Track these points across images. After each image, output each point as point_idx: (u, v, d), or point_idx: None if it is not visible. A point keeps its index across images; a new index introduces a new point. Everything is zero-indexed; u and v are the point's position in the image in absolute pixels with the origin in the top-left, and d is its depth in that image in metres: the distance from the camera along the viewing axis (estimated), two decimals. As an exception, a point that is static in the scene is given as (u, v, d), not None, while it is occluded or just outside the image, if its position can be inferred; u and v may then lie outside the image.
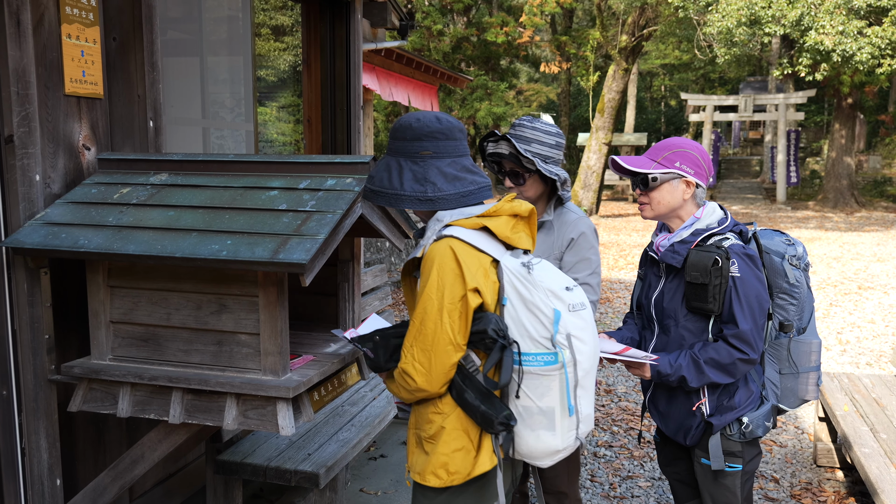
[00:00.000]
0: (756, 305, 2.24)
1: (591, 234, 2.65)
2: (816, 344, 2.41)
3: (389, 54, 9.63)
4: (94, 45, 2.51)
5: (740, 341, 2.23)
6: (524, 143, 2.55)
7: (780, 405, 2.45)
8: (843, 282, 10.12)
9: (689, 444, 2.43)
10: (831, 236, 15.49)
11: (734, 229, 2.34)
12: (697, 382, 2.28)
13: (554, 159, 2.58)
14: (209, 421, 2.13)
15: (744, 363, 2.25)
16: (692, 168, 2.34)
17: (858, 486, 3.90)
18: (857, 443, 3.42)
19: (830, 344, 6.94)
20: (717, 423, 2.34)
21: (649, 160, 2.37)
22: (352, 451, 3.16)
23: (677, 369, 2.30)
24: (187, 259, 2.01)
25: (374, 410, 3.63)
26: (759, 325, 2.25)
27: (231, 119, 4.85)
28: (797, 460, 4.29)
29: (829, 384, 4.23)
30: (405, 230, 2.57)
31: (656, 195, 2.37)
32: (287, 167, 2.34)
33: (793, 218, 19.47)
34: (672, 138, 2.43)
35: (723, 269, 2.19)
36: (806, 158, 29.06)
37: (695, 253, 2.25)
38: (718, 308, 2.23)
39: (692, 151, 2.35)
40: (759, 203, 23.64)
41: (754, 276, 2.24)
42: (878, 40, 16.09)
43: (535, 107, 32.90)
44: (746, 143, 38.62)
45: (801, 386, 2.43)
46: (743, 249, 2.25)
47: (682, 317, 2.34)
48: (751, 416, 2.35)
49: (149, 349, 2.21)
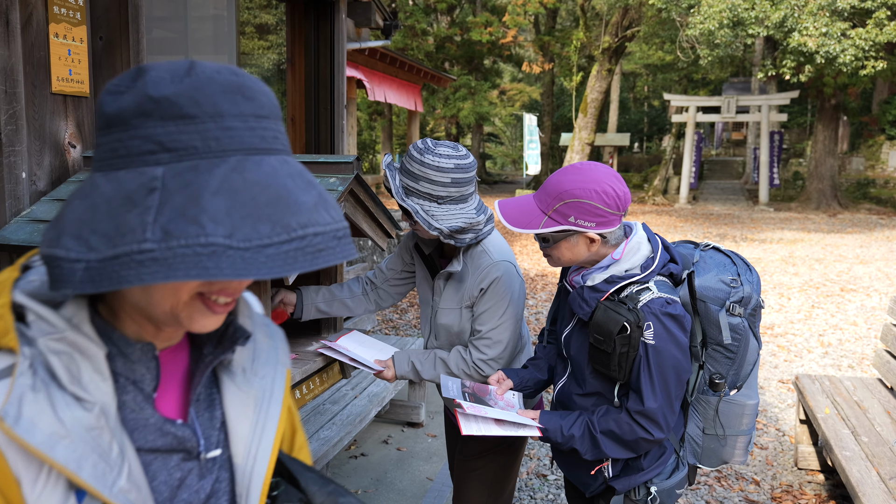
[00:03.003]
0: (672, 378, 1.84)
1: (507, 280, 2.22)
2: (751, 406, 2.04)
3: (373, 54, 9.64)
4: (81, 43, 2.51)
5: (645, 419, 1.85)
6: (411, 179, 2.12)
7: (697, 464, 2.13)
8: (825, 284, 10.18)
9: (590, 497, 2.13)
10: (814, 238, 15.54)
11: (663, 271, 1.91)
12: (592, 456, 1.94)
13: (452, 198, 2.12)
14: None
15: (648, 443, 1.89)
16: (592, 220, 1.83)
17: (839, 490, 3.94)
18: (839, 446, 3.43)
19: (812, 346, 6.98)
20: (620, 488, 2.00)
21: (539, 211, 1.89)
22: (332, 450, 3.18)
23: (569, 440, 1.95)
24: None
25: (355, 409, 3.65)
26: (674, 399, 1.87)
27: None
28: (778, 462, 4.33)
29: (810, 386, 4.26)
30: (388, 230, 2.59)
31: (555, 252, 1.94)
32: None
33: (775, 219, 19.60)
34: (563, 179, 1.87)
35: (631, 337, 1.80)
36: (789, 160, 29.26)
37: (602, 310, 1.84)
38: (624, 377, 1.86)
39: (587, 200, 1.82)
40: (742, 204, 23.81)
41: (672, 344, 1.82)
42: (862, 42, 16.23)
43: (519, 106, 33.05)
44: (729, 145, 39.02)
45: (727, 449, 2.08)
46: (663, 308, 1.81)
47: (588, 374, 1.98)
48: (660, 484, 2.00)
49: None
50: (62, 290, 0.68)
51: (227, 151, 0.71)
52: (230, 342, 0.90)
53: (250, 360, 0.95)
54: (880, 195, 23.25)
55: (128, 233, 0.67)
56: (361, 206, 2.43)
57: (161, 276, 0.66)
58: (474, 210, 2.18)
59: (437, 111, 24.35)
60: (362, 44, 7.77)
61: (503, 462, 2.43)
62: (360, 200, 2.40)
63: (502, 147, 41.45)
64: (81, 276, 0.67)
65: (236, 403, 0.92)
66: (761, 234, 16.00)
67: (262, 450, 0.93)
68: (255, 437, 0.92)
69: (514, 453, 2.46)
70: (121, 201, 0.69)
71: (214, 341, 0.90)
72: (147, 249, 0.66)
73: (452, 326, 2.31)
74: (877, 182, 24.47)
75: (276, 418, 0.95)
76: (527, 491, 3.88)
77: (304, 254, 0.70)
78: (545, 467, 4.16)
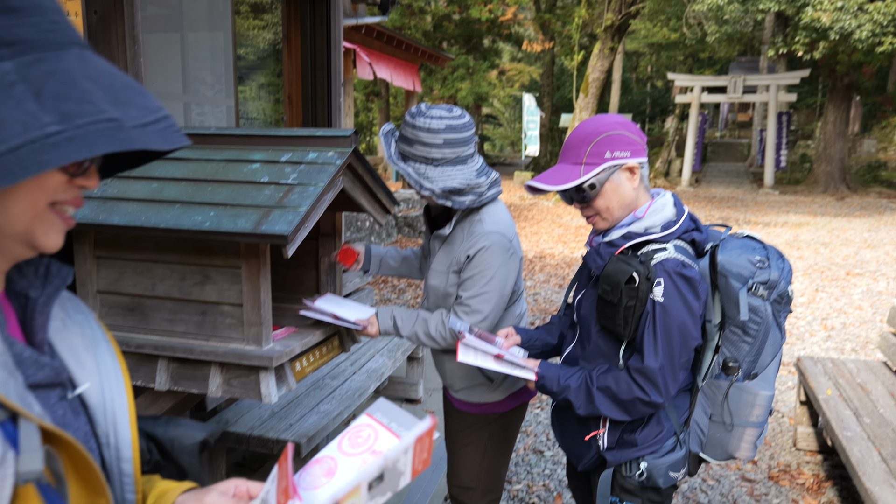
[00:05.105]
0: (677, 340, 1.79)
1: (495, 251, 2.18)
2: (764, 397, 1.93)
3: (370, 32, 9.56)
4: (76, 18, 2.49)
5: (644, 379, 1.81)
6: (406, 143, 2.17)
7: (702, 455, 2.04)
8: (830, 267, 10.12)
9: (581, 471, 2.11)
10: (820, 221, 15.39)
11: (684, 237, 1.88)
12: (585, 411, 1.90)
13: (447, 160, 2.13)
14: (194, 388, 2.15)
15: (644, 405, 1.84)
16: (626, 148, 1.85)
17: (838, 470, 3.95)
18: (840, 426, 3.43)
19: (815, 330, 6.96)
20: (611, 460, 1.96)
21: (573, 165, 1.88)
22: (332, 423, 3.21)
23: (564, 389, 1.92)
24: (171, 230, 2.01)
25: (354, 384, 3.68)
26: (676, 365, 1.81)
27: (212, 95, 4.83)
28: (776, 443, 4.34)
29: (812, 368, 4.26)
30: (387, 206, 2.58)
31: (601, 202, 1.89)
32: (268, 140, 2.33)
33: (780, 202, 19.48)
34: (582, 124, 1.93)
35: (639, 290, 1.76)
36: (797, 142, 28.88)
37: (613, 262, 1.82)
38: (630, 334, 1.82)
39: (617, 129, 1.86)
40: (746, 187, 23.65)
41: (682, 305, 1.78)
42: (880, 17, 15.41)
43: (518, 87, 32.76)
44: (734, 126, 38.77)
45: (734, 441, 1.97)
46: (678, 268, 1.78)
47: (595, 332, 1.95)
48: (652, 462, 1.92)
49: (135, 318, 2.22)
50: None
51: (63, 44, 0.74)
52: (59, 279, 0.88)
53: (63, 309, 0.93)
54: (892, 178, 22.89)
55: (14, 125, 0.67)
56: (360, 182, 2.41)
57: (86, 151, 0.68)
58: (474, 172, 2.18)
59: (434, 91, 24.15)
60: (359, 20, 7.72)
61: (497, 437, 2.45)
62: (358, 175, 2.38)
63: (501, 129, 41.18)
64: None
65: (69, 345, 0.90)
66: (765, 218, 15.92)
67: (116, 388, 0.91)
68: (104, 375, 0.91)
69: (507, 428, 2.47)
70: None
71: (40, 283, 0.87)
72: (55, 132, 0.67)
73: (439, 288, 2.32)
74: (888, 165, 24.10)
75: (114, 355, 0.94)
76: (524, 466, 3.90)
77: (171, 132, 0.76)
78: (542, 444, 4.18)
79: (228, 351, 2.09)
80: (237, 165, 2.23)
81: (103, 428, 0.89)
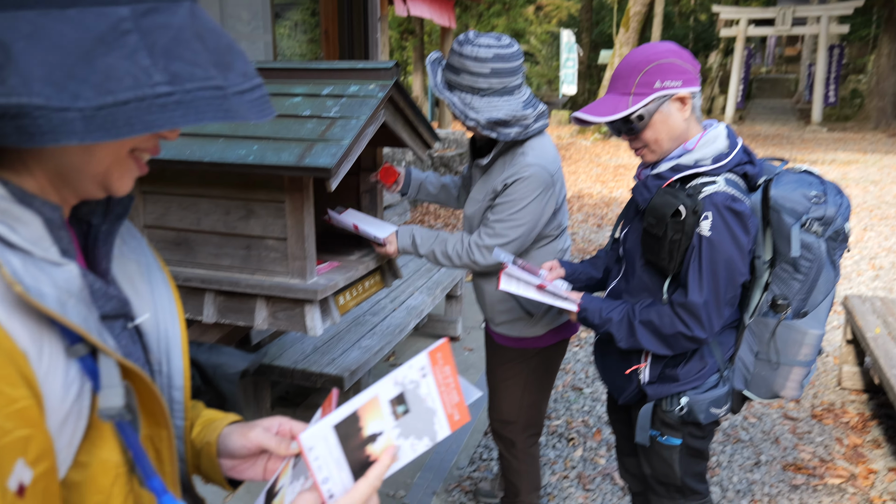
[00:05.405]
0: (723, 275, 1.75)
1: (532, 182, 2.13)
2: (813, 336, 1.88)
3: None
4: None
5: (687, 313, 1.78)
6: (453, 72, 2.10)
7: (746, 392, 2.01)
8: (879, 206, 9.83)
9: (621, 404, 2.11)
10: (870, 159, 14.88)
11: (736, 170, 1.81)
12: (626, 344, 1.89)
13: (494, 90, 2.07)
14: (241, 321, 2.19)
15: (687, 340, 1.81)
16: (677, 77, 1.78)
17: (884, 409, 3.90)
18: (889, 364, 3.38)
19: (863, 269, 6.80)
20: (651, 394, 1.95)
21: (621, 95, 1.82)
22: (374, 358, 3.26)
23: (606, 322, 1.90)
24: (215, 164, 2.02)
25: (395, 321, 3.71)
26: (721, 301, 1.77)
27: (249, 31, 4.78)
28: (820, 382, 4.29)
29: (860, 307, 4.17)
30: (428, 140, 2.54)
31: (650, 134, 1.83)
32: (309, 74, 2.30)
33: (828, 139, 18.86)
34: (633, 52, 1.85)
35: (685, 223, 1.72)
36: (847, 76, 27.71)
37: (660, 195, 1.77)
38: (675, 268, 1.79)
39: (668, 57, 1.79)
40: (792, 124, 22.91)
41: (729, 239, 1.73)
42: None
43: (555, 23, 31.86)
44: (781, 61, 37.35)
45: (779, 380, 1.95)
46: (727, 202, 1.72)
47: (640, 267, 1.92)
48: (693, 397, 1.89)
49: (182, 252, 2.25)
50: (56, 142, 0.63)
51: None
52: (122, 207, 0.87)
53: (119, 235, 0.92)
54: (947, 113, 21.97)
55: (125, 76, 0.63)
56: (401, 115, 2.38)
57: (192, 118, 0.66)
58: (521, 104, 2.12)
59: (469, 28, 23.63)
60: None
61: (537, 372, 2.45)
62: (399, 109, 2.35)
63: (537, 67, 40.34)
64: (82, 125, 0.62)
65: (126, 273, 0.89)
66: (812, 156, 15.45)
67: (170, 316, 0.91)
68: (158, 303, 0.91)
69: (548, 364, 2.47)
70: (91, 43, 0.63)
71: (101, 210, 0.86)
72: (166, 93, 0.65)
73: (475, 217, 2.30)
74: (945, 100, 23.03)
75: (167, 283, 0.94)
76: (563, 402, 3.92)
77: (264, 102, 0.73)
78: (581, 381, 4.19)
79: (274, 284, 2.11)
80: (279, 99, 2.21)
81: (156, 356, 0.89)
